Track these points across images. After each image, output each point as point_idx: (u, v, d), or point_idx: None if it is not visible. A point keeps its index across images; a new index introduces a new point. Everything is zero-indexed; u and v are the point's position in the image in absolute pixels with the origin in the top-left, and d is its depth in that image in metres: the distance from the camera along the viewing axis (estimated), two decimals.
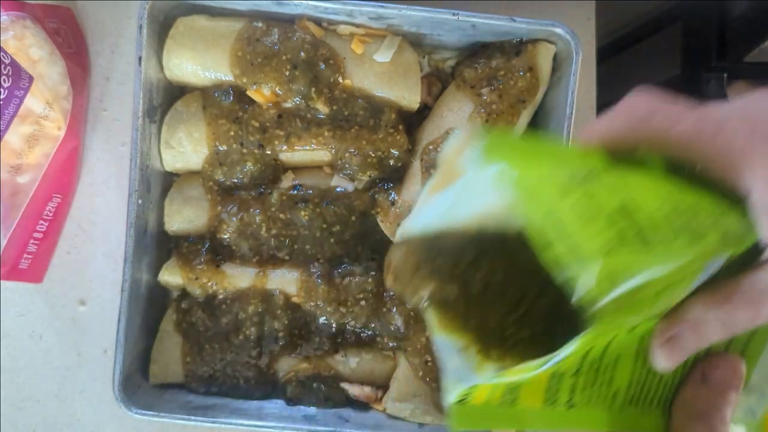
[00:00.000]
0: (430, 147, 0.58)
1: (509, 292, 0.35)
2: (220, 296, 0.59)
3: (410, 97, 0.58)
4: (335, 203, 0.59)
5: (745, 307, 0.32)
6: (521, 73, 0.57)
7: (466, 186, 0.31)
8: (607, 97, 0.68)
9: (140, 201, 0.55)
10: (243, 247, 0.59)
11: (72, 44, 0.61)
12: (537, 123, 0.60)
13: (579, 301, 0.27)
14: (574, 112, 0.55)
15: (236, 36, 0.57)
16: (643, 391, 0.38)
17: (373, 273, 0.59)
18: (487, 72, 0.58)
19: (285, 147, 0.58)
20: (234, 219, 0.58)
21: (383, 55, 0.57)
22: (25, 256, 0.60)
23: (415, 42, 0.60)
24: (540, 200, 0.28)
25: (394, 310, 0.59)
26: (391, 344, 0.60)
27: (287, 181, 0.60)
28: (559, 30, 0.54)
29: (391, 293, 0.59)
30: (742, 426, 0.53)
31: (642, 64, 1.05)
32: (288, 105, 0.58)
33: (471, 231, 0.34)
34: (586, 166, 0.29)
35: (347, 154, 0.58)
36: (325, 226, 0.59)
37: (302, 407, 0.60)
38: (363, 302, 0.58)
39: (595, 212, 0.27)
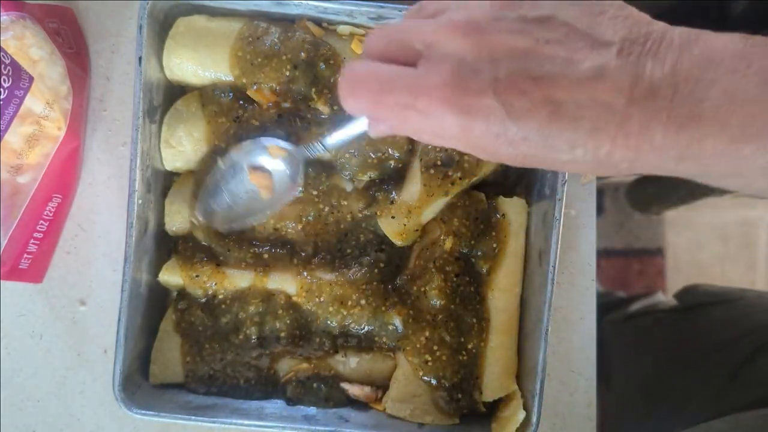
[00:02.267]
0: (430, 147, 0.58)
1: None
2: (220, 296, 0.59)
3: None
4: (337, 201, 0.59)
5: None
6: None
7: None
8: None
9: (140, 201, 0.55)
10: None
11: (72, 44, 0.61)
12: None
13: None
14: None
15: (236, 36, 0.57)
16: None
17: (381, 265, 0.59)
18: None
19: None
20: None
21: None
22: (25, 256, 0.60)
23: None
24: None
25: (394, 309, 0.59)
26: (390, 344, 0.60)
27: None
28: None
29: (390, 287, 0.59)
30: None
31: None
32: (288, 105, 0.58)
33: None
34: None
35: (347, 155, 0.58)
36: (327, 224, 0.59)
37: (302, 407, 0.59)
38: (363, 301, 0.58)
39: None
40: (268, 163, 0.55)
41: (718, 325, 0.80)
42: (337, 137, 0.49)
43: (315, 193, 0.59)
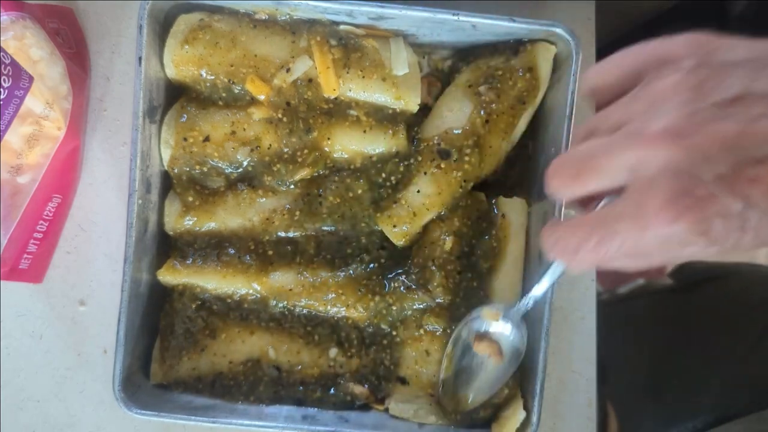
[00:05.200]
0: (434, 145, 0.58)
1: None
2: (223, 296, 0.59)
3: (410, 98, 0.58)
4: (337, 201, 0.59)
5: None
6: (521, 74, 0.57)
7: None
8: None
9: (140, 201, 0.55)
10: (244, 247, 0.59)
11: (72, 44, 0.61)
12: (536, 123, 0.60)
13: None
14: (574, 112, 0.55)
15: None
16: None
17: (382, 260, 0.59)
18: (484, 71, 0.58)
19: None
20: None
21: (400, 67, 0.57)
22: (25, 256, 0.60)
23: (415, 42, 0.60)
24: None
25: (394, 308, 0.59)
26: None
27: None
28: (559, 30, 0.54)
29: (393, 283, 0.59)
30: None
31: None
32: (290, 102, 0.58)
33: None
34: None
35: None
36: (326, 225, 0.59)
37: (302, 407, 0.59)
38: (364, 300, 0.58)
39: None
40: (491, 329, 0.56)
41: (717, 303, 0.78)
42: (543, 288, 0.51)
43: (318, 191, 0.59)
